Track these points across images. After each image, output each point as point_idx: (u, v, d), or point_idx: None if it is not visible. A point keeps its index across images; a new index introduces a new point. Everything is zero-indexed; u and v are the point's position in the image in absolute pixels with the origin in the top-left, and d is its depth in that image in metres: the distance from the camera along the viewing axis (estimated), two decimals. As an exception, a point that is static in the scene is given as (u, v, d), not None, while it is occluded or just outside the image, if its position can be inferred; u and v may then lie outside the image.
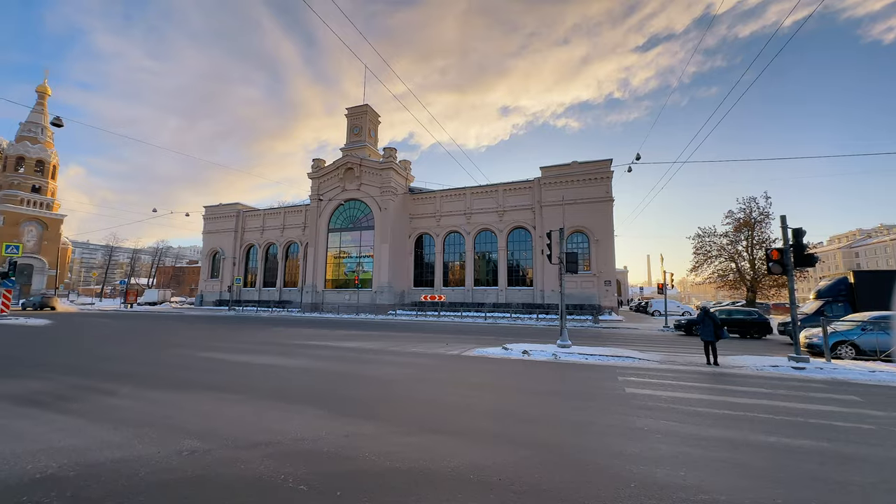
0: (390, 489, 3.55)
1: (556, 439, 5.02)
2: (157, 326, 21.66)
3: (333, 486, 3.56)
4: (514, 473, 3.91)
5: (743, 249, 41.18)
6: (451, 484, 3.67)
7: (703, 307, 11.46)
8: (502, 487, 3.61)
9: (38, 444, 4.43)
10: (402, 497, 3.42)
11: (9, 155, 70.04)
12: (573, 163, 37.63)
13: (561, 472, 4.02)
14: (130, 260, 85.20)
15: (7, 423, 5.22)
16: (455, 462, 4.15)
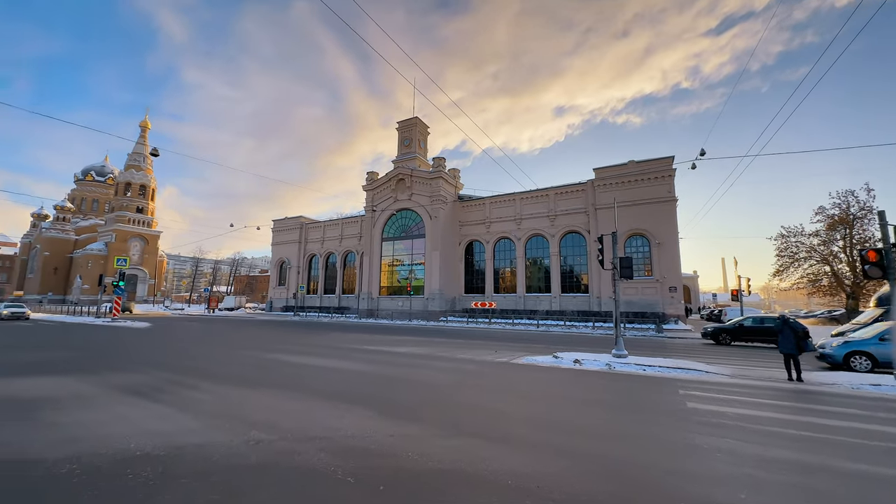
0: (429, 487, 3.72)
1: (601, 451, 4.86)
2: (232, 330, 24.01)
3: (377, 481, 3.81)
4: (553, 482, 3.88)
5: (839, 250, 36.03)
6: (488, 487, 3.74)
7: (783, 316, 10.26)
8: (539, 496, 3.61)
9: (138, 427, 5.23)
10: (439, 495, 3.56)
11: (119, 182, 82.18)
12: (630, 162, 35.67)
13: (604, 483, 3.92)
14: (213, 270, 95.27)
15: (117, 408, 6.21)
16: (494, 466, 4.21)
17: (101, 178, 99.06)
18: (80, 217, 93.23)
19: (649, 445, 5.13)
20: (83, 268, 77.27)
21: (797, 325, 9.76)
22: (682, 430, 5.81)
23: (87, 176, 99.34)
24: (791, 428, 5.98)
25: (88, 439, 4.79)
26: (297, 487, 3.66)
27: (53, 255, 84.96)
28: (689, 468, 4.38)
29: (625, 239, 34.81)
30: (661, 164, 34.19)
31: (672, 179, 33.94)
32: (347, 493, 3.58)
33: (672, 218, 33.50)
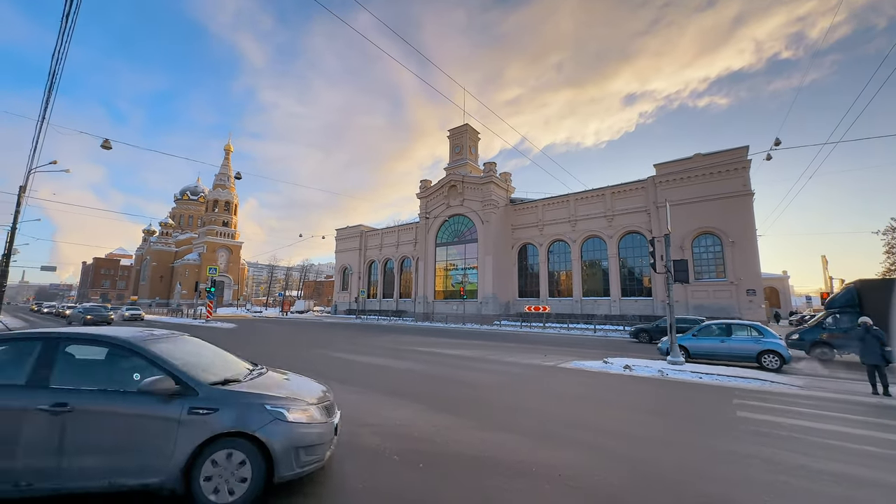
0: (461, 468, 4.32)
1: (631, 451, 5.08)
2: (303, 331, 26.51)
3: (418, 460, 4.50)
4: (576, 473, 4.27)
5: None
6: (513, 472, 4.25)
7: (864, 322, 9.21)
8: (559, 482, 4.03)
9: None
10: (469, 474, 4.15)
11: (208, 199, 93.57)
12: (696, 156, 33.22)
13: (625, 479, 4.21)
14: (285, 276, 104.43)
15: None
16: (522, 457, 4.69)
17: (195, 196, 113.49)
18: (179, 231, 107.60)
19: (683, 449, 5.23)
20: (182, 275, 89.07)
21: (881, 334, 8.78)
22: (724, 437, 5.76)
23: (183, 195, 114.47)
24: (854, 442, 5.63)
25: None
26: (353, 460, 4.47)
27: (159, 264, 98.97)
28: (719, 472, 4.48)
29: (692, 238, 32.44)
30: (732, 156, 31.41)
31: (746, 172, 31.00)
32: (392, 467, 4.31)
33: (748, 214, 30.56)
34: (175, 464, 3.20)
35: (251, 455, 3.33)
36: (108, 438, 3.23)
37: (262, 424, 3.40)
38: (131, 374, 3.52)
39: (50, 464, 3.11)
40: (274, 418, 3.47)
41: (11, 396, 3.25)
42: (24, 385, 3.32)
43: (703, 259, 32.45)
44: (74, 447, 3.16)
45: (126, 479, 3.19)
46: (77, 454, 3.16)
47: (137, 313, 36.90)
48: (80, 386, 3.37)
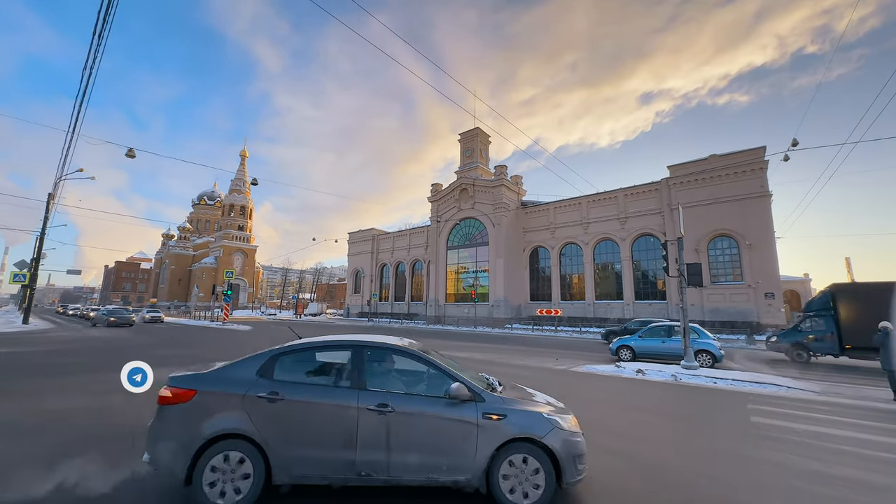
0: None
1: (638, 452, 5.14)
2: (317, 333, 26.88)
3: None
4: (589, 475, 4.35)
5: None
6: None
7: (885, 327, 8.99)
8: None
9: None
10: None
11: (224, 204, 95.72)
12: (711, 157, 32.72)
13: (636, 480, 4.29)
14: (298, 279, 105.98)
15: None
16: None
17: (211, 201, 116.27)
18: (196, 235, 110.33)
19: (692, 452, 5.26)
20: (199, 278, 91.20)
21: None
22: (734, 441, 5.77)
23: (200, 200, 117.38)
24: (869, 448, 5.56)
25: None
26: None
27: (178, 268, 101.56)
28: (731, 476, 4.51)
29: (708, 241, 31.92)
30: (748, 157, 30.86)
31: (763, 173, 30.40)
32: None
33: (765, 216, 29.94)
34: (478, 464, 3.48)
35: (543, 461, 3.52)
36: (423, 438, 3.54)
37: (546, 432, 3.60)
38: (425, 380, 3.95)
39: (381, 458, 3.48)
40: (553, 427, 3.65)
41: (346, 396, 3.63)
42: (349, 387, 3.70)
43: (720, 262, 31.88)
44: (398, 444, 3.50)
45: (440, 475, 3.50)
46: (400, 451, 3.50)
47: (157, 315, 37.97)
48: (390, 389, 3.74)
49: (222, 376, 3.78)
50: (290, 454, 3.46)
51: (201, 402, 3.60)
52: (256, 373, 3.76)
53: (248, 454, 3.44)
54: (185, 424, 3.51)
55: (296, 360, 3.96)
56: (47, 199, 27.85)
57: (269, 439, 3.46)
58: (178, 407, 3.58)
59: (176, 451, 3.45)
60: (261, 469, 3.41)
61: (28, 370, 10.39)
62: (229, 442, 3.47)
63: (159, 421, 3.61)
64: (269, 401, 3.57)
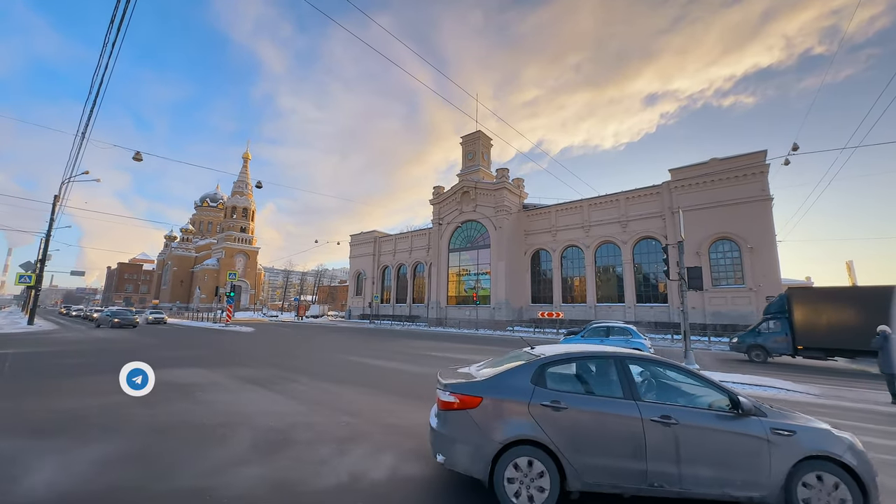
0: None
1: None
2: (319, 335, 27.08)
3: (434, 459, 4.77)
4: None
5: None
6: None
7: (884, 331, 9.09)
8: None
9: (262, 408, 6.87)
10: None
11: (227, 206, 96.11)
12: (711, 160, 32.85)
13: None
14: (300, 281, 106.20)
15: (244, 394, 8.06)
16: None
17: (214, 203, 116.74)
18: (198, 237, 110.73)
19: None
20: (201, 280, 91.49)
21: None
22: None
23: (203, 202, 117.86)
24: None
25: (230, 413, 6.50)
26: (374, 455, 4.78)
27: (180, 269, 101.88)
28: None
29: (709, 244, 32.00)
30: (749, 161, 30.97)
31: (765, 176, 30.50)
32: (412, 463, 4.61)
33: (766, 219, 30.03)
34: (774, 481, 3.43)
35: (846, 480, 3.39)
36: (712, 451, 3.53)
37: (843, 450, 3.48)
38: (688, 391, 3.97)
39: (672, 469, 3.50)
40: (847, 446, 3.54)
41: (627, 407, 3.68)
42: (624, 397, 3.75)
43: (721, 265, 31.94)
44: (687, 456, 3.51)
45: (734, 490, 3.48)
46: (690, 463, 3.50)
47: (161, 317, 38.15)
48: (665, 401, 3.75)
49: (502, 384, 3.91)
50: (581, 462, 3.55)
51: (489, 408, 3.77)
52: (530, 381, 3.88)
53: (542, 460, 3.57)
54: (478, 429, 3.71)
55: (563, 370, 4.10)
56: (53, 202, 28.10)
57: (561, 446, 3.57)
58: (466, 413, 3.79)
59: (473, 454, 3.68)
60: (555, 475, 3.53)
61: (48, 371, 10.54)
62: (523, 448, 3.62)
63: (449, 425, 3.84)
64: (553, 409, 3.68)
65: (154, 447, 4.95)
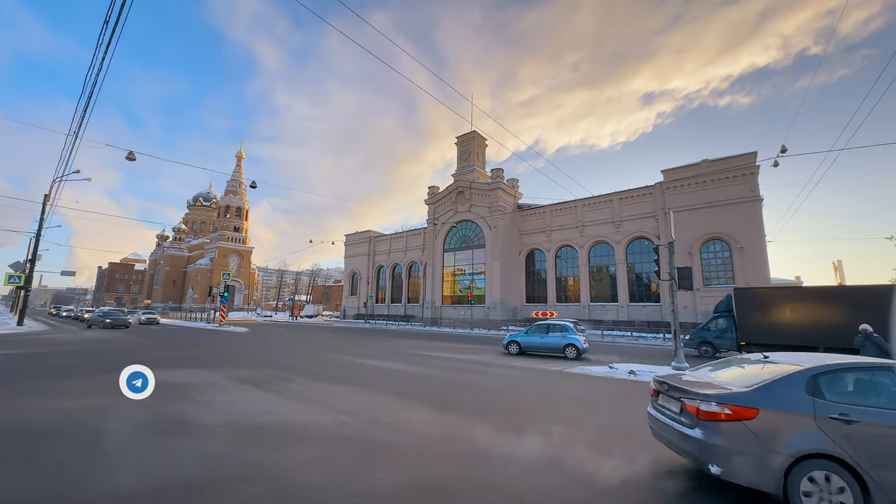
0: (469, 460, 4.73)
1: (618, 445, 5.42)
2: (313, 335, 27.07)
3: (430, 454, 4.92)
4: (566, 464, 4.65)
5: None
6: (514, 462, 4.65)
7: (864, 329, 9.38)
8: (553, 471, 4.41)
9: (258, 408, 6.95)
10: (473, 464, 4.55)
11: (220, 205, 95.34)
12: (703, 162, 33.28)
13: (622, 471, 4.58)
14: (294, 281, 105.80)
15: (239, 393, 8.12)
16: (522, 451, 5.08)
17: (207, 202, 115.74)
18: (191, 237, 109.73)
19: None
20: (194, 280, 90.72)
21: (881, 342, 8.95)
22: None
23: (196, 202, 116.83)
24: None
25: (227, 413, 6.57)
26: (372, 453, 4.90)
27: (172, 269, 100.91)
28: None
29: (700, 244, 32.43)
30: (740, 161, 31.41)
31: (755, 177, 30.96)
32: (408, 460, 4.73)
33: (756, 219, 30.51)
34: None
35: None
36: None
37: None
38: None
39: None
40: None
41: None
42: None
43: (712, 265, 32.39)
44: None
45: None
46: None
47: (153, 317, 37.85)
48: None
49: (778, 396, 3.80)
50: (885, 479, 3.35)
51: (770, 420, 3.69)
52: (805, 392, 3.76)
53: (840, 475, 3.44)
54: (760, 442, 3.64)
55: (839, 379, 3.94)
56: (43, 201, 27.80)
57: (861, 462, 3.40)
58: (741, 424, 3.71)
59: (759, 467, 3.60)
60: (858, 492, 3.38)
61: (43, 371, 10.50)
62: (817, 461, 3.51)
63: (721, 436, 3.74)
64: (845, 422, 3.53)
65: (154, 446, 5.02)
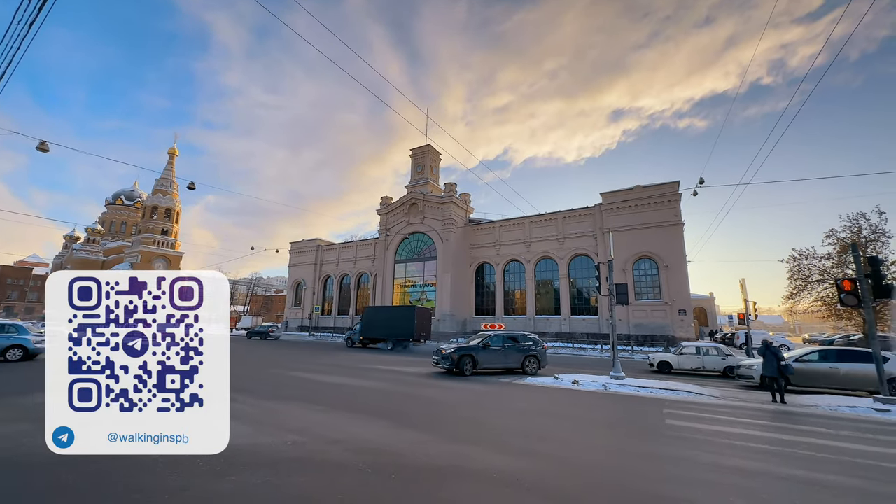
0: (430, 476, 4.77)
1: (576, 456, 5.80)
2: (253, 349, 25.29)
3: (389, 472, 4.86)
4: (532, 478, 4.86)
5: (854, 273, 35.79)
6: (476, 479, 4.76)
7: (765, 341, 10.96)
8: (519, 486, 4.60)
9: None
10: (437, 483, 4.61)
11: (146, 205, 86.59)
12: (636, 187, 36.65)
13: (569, 479, 4.88)
14: (231, 290, 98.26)
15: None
16: (483, 465, 5.21)
17: (130, 202, 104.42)
18: (108, 239, 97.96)
19: (620, 453, 6.04)
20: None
21: (777, 351, 10.46)
22: (653, 442, 6.68)
23: (117, 200, 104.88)
24: (754, 442, 6.78)
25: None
26: (327, 474, 4.75)
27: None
28: (649, 470, 5.29)
29: (633, 262, 35.40)
30: (666, 189, 35.05)
31: (678, 204, 34.67)
32: (366, 479, 4.64)
33: (679, 241, 34.06)
34: None
35: None
36: None
37: None
38: None
39: None
40: None
41: None
42: None
43: (643, 281, 35.46)
44: None
45: None
46: None
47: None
48: None
49: None
50: None
51: None
52: None
53: None
54: None
55: None
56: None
57: None
58: None
59: None
60: None
61: None
62: None
63: None
64: None
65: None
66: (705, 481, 4.94)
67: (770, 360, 10.39)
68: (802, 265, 38.36)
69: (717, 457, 5.87)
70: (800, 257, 38.63)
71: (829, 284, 36.96)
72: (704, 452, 6.06)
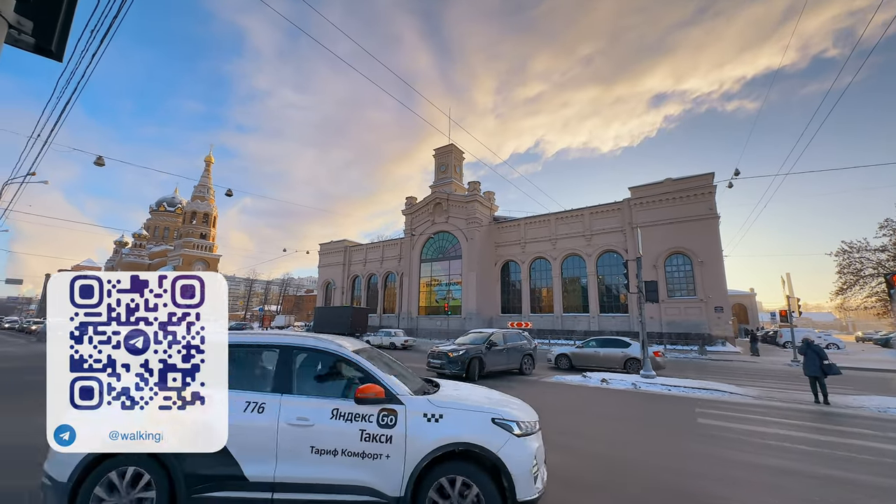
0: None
1: (601, 451, 5.91)
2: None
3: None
4: (567, 472, 5.01)
5: (911, 266, 33.04)
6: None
7: (806, 339, 10.48)
8: (555, 479, 4.76)
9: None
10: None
11: (186, 211, 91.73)
12: (666, 180, 35.45)
13: (599, 473, 5.02)
14: (264, 290, 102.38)
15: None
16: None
17: (172, 208, 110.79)
18: (153, 243, 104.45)
19: (651, 451, 6.08)
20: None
21: (820, 349, 10.01)
22: (682, 439, 6.68)
23: (160, 206, 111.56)
24: (789, 442, 6.62)
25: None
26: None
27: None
28: (678, 467, 5.33)
29: (665, 258, 34.31)
30: (699, 181, 33.72)
31: (712, 196, 33.27)
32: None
33: (714, 235, 32.69)
34: None
35: None
36: None
37: None
38: None
39: None
40: None
41: None
42: None
43: (675, 277, 34.30)
44: None
45: None
46: None
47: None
48: None
49: None
50: None
51: None
52: None
53: None
54: None
55: None
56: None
57: None
58: None
59: None
60: None
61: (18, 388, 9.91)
62: None
63: None
64: None
65: None
66: (738, 479, 4.94)
67: (812, 358, 9.96)
68: (853, 258, 35.98)
69: (751, 455, 5.81)
70: (850, 250, 36.23)
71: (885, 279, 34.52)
72: (738, 451, 6.01)
